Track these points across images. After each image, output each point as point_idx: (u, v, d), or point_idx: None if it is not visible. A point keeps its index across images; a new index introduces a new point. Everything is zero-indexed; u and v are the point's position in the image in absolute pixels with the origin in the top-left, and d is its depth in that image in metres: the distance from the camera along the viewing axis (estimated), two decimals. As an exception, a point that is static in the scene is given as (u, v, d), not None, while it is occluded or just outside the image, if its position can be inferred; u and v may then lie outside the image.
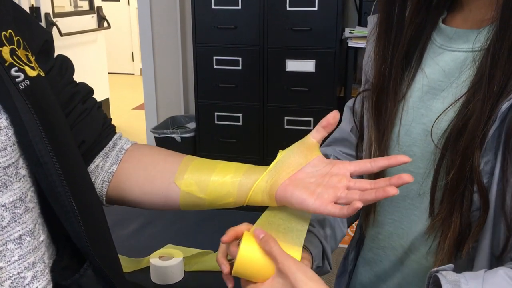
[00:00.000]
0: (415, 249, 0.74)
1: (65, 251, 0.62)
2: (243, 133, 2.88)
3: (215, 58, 2.81)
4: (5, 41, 0.56)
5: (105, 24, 4.49)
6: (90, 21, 4.31)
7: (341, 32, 2.71)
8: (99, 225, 0.67)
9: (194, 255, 1.15)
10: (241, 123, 2.88)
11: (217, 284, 1.10)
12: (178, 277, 1.09)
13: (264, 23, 2.69)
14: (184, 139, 2.97)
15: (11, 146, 0.53)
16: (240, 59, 2.78)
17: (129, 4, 7.05)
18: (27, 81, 0.56)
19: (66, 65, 0.72)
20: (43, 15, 3.53)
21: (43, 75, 0.61)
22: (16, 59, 0.56)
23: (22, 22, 0.63)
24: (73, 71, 0.73)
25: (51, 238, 0.62)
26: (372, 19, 0.81)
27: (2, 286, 0.53)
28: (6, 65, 0.54)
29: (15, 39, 0.58)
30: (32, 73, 0.58)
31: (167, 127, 3.16)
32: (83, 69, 4.08)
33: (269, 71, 2.76)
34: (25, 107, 0.54)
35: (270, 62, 2.75)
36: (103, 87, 4.55)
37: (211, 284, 1.10)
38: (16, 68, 0.55)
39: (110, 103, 4.69)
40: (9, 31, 0.57)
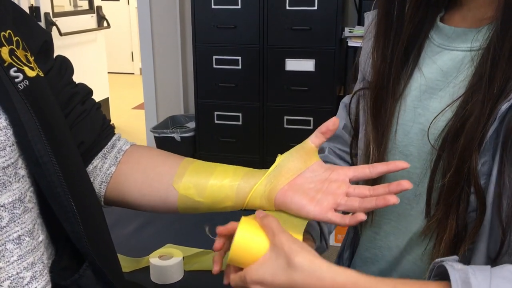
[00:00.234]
0: (411, 250, 0.73)
1: (64, 251, 0.62)
2: (243, 133, 2.88)
3: (214, 57, 2.81)
4: (4, 42, 0.56)
5: (105, 23, 4.49)
6: (89, 20, 4.30)
7: (341, 31, 2.71)
8: (98, 225, 0.67)
9: (193, 254, 1.15)
10: (240, 123, 2.88)
11: (216, 283, 1.10)
12: (177, 276, 1.09)
13: (263, 23, 2.69)
14: (184, 139, 2.97)
15: (10, 146, 0.53)
16: (239, 58, 2.78)
17: (128, 3, 7.05)
18: (26, 82, 0.56)
19: (65, 65, 0.72)
20: (42, 15, 3.52)
21: (42, 75, 0.61)
22: (15, 60, 0.56)
23: (21, 22, 0.63)
24: (72, 71, 0.73)
25: (50, 238, 0.62)
26: (369, 16, 0.80)
27: (1, 286, 0.53)
28: (5, 65, 0.54)
29: (14, 39, 0.58)
30: (31, 73, 0.58)
31: (166, 127, 3.16)
32: (82, 68, 4.08)
33: (269, 70, 2.76)
34: (24, 107, 0.54)
35: (269, 61, 2.75)
36: (102, 87, 4.55)
37: (210, 283, 1.10)
38: (15, 68, 0.55)
39: (109, 103, 4.69)
40: (8, 31, 0.57)
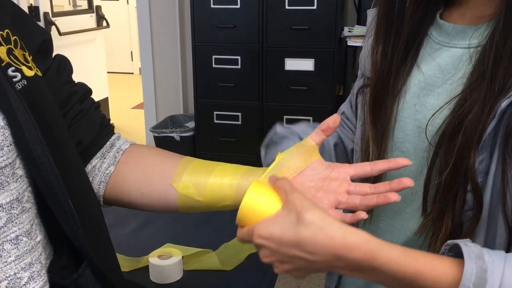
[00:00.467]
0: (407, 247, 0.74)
1: (62, 251, 0.62)
2: (243, 132, 2.88)
3: (214, 57, 2.81)
4: (2, 41, 0.56)
5: (104, 23, 4.49)
6: (89, 20, 4.30)
7: (340, 31, 2.71)
8: (97, 225, 0.66)
9: (193, 254, 1.15)
10: (240, 122, 2.88)
11: (216, 283, 1.10)
12: (177, 276, 1.09)
13: (263, 22, 2.69)
14: (183, 138, 2.97)
15: (7, 146, 0.53)
16: (239, 58, 2.78)
17: (128, 3, 7.04)
18: (24, 81, 0.56)
19: (64, 64, 0.72)
20: (42, 14, 3.52)
21: (41, 74, 0.61)
22: (13, 59, 0.56)
23: (20, 21, 0.63)
24: (71, 70, 0.73)
25: (48, 238, 0.62)
26: (371, 13, 0.80)
27: None
28: (3, 65, 0.54)
29: (12, 38, 0.57)
30: (29, 73, 0.57)
31: (166, 126, 3.16)
32: (82, 68, 4.07)
33: (268, 70, 2.76)
34: (21, 107, 0.53)
35: (269, 61, 2.75)
36: (102, 86, 4.55)
37: (210, 283, 1.10)
38: (13, 68, 0.55)
39: (109, 103, 4.69)
40: (6, 30, 0.57)
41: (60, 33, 3.63)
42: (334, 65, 2.67)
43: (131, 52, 7.24)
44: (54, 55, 0.71)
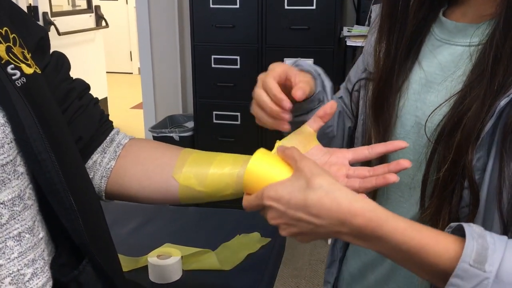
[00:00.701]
0: None
1: (63, 248, 0.62)
2: (242, 132, 2.88)
3: (213, 57, 2.81)
4: (1, 39, 0.56)
5: (103, 23, 4.49)
6: (88, 20, 4.30)
7: (339, 31, 2.71)
8: (97, 221, 0.67)
9: (192, 254, 1.15)
10: (239, 122, 2.88)
11: (215, 283, 1.10)
12: (176, 276, 1.09)
13: (262, 22, 2.69)
14: (182, 138, 2.97)
15: (8, 143, 0.53)
16: (238, 58, 2.78)
17: (127, 3, 7.04)
18: (23, 79, 0.56)
19: (62, 61, 0.72)
20: (41, 14, 3.52)
21: (40, 72, 0.61)
22: (12, 57, 0.56)
23: (18, 19, 0.63)
24: (69, 67, 0.73)
25: (50, 235, 0.62)
26: (376, 8, 0.81)
27: (2, 283, 0.53)
28: (2, 62, 0.54)
29: (11, 36, 0.57)
30: (28, 70, 0.57)
31: (165, 126, 3.16)
32: (81, 68, 4.07)
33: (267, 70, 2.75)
34: (22, 104, 0.53)
35: (268, 61, 2.75)
36: (101, 86, 4.55)
37: (209, 283, 1.10)
38: (12, 65, 0.55)
39: (108, 102, 4.69)
40: (5, 28, 0.57)
41: (59, 33, 3.63)
42: (333, 65, 2.67)
43: (130, 52, 7.24)
44: (51, 52, 0.71)
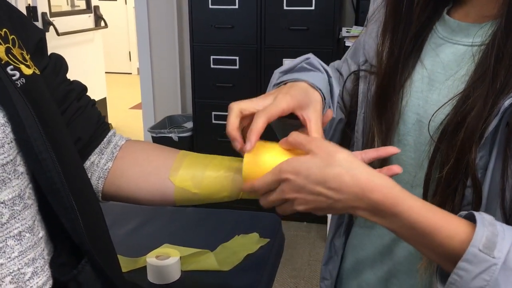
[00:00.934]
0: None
1: (62, 248, 0.62)
2: (241, 133, 2.88)
3: (212, 57, 2.81)
4: (0, 40, 0.56)
5: (102, 23, 4.48)
6: (87, 20, 4.30)
7: (338, 31, 2.71)
8: (97, 221, 0.67)
9: (191, 254, 1.15)
10: (238, 123, 2.88)
11: (213, 283, 1.11)
12: (175, 276, 1.09)
13: (261, 23, 2.69)
14: (181, 139, 2.97)
15: (8, 143, 0.53)
16: (237, 58, 2.78)
17: (126, 3, 7.04)
18: (22, 79, 0.56)
19: (60, 63, 0.72)
20: (40, 15, 3.51)
21: (39, 73, 0.61)
22: (11, 58, 0.56)
23: (16, 21, 0.63)
24: (67, 69, 0.73)
25: (49, 235, 0.62)
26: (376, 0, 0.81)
27: (2, 282, 0.54)
28: (2, 63, 0.54)
29: (10, 37, 0.58)
30: (27, 71, 0.58)
31: (164, 127, 3.16)
32: (80, 68, 4.07)
33: (267, 70, 2.76)
34: (22, 104, 0.54)
35: (267, 61, 2.75)
36: (100, 87, 4.55)
37: (208, 283, 1.10)
38: (11, 66, 0.55)
39: (107, 103, 4.68)
40: (4, 30, 0.57)
41: (58, 33, 3.63)
42: (332, 65, 2.67)
43: (129, 52, 7.24)
44: (49, 54, 0.72)
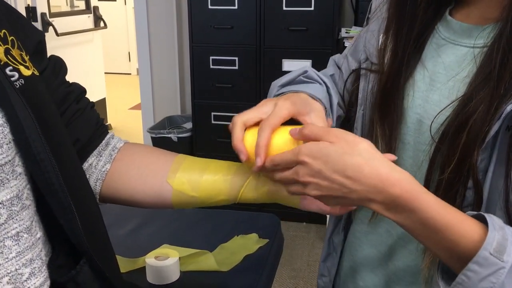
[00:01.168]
0: (404, 239, 0.75)
1: (60, 249, 0.62)
2: (240, 133, 2.88)
3: (211, 58, 2.81)
4: None
5: (102, 24, 4.48)
6: (86, 21, 4.30)
7: (338, 32, 2.71)
8: (95, 222, 0.67)
9: (190, 255, 1.15)
10: (237, 123, 2.88)
11: (213, 284, 1.11)
12: (174, 277, 1.09)
13: (260, 23, 2.70)
14: (180, 139, 2.97)
15: (7, 144, 0.53)
16: (236, 59, 2.78)
17: (125, 3, 7.04)
18: (21, 80, 0.56)
19: (59, 65, 0.73)
20: (39, 15, 3.51)
21: (38, 74, 0.61)
22: (10, 59, 0.56)
23: (15, 22, 0.63)
24: (66, 71, 0.74)
25: (47, 236, 0.62)
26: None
27: (0, 282, 0.54)
28: (1, 64, 0.54)
29: (9, 38, 0.58)
30: (26, 72, 0.58)
31: (163, 127, 3.16)
32: (79, 69, 4.07)
33: (266, 71, 2.76)
34: (21, 104, 0.54)
35: (266, 62, 2.75)
36: (99, 87, 4.54)
37: (207, 284, 1.10)
38: (10, 67, 0.56)
39: (106, 103, 4.68)
40: (3, 31, 0.57)
41: (57, 34, 3.63)
42: (331, 66, 2.67)
43: (129, 52, 7.24)
44: (49, 55, 0.72)
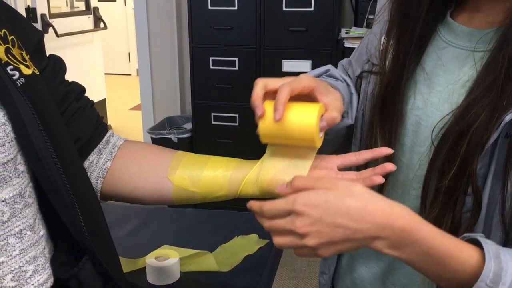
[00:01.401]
0: None
1: (63, 247, 0.63)
2: (240, 134, 2.88)
3: (211, 58, 2.81)
4: (0, 40, 0.56)
5: (102, 24, 4.49)
6: (86, 21, 4.30)
7: (337, 32, 2.71)
8: (97, 219, 0.67)
9: (190, 255, 1.15)
10: (237, 124, 2.88)
11: (213, 284, 1.11)
12: (174, 277, 1.09)
13: (260, 24, 2.70)
14: (180, 140, 2.97)
15: (9, 142, 0.54)
16: (236, 59, 2.78)
17: (125, 4, 7.04)
18: (22, 79, 0.56)
19: (59, 64, 0.73)
20: (39, 16, 3.51)
21: (38, 73, 0.61)
22: (11, 58, 0.57)
23: (15, 22, 0.64)
24: (65, 70, 0.74)
25: (49, 234, 0.62)
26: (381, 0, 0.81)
27: (4, 280, 0.54)
28: (2, 63, 0.55)
29: (10, 38, 0.58)
30: (27, 71, 0.58)
31: (163, 128, 3.16)
32: (79, 70, 4.07)
33: (266, 71, 2.76)
34: (23, 102, 0.54)
35: (266, 62, 2.75)
36: (99, 88, 4.55)
37: (207, 284, 1.10)
38: (11, 66, 0.56)
39: (106, 104, 4.68)
40: (4, 30, 0.58)
41: (57, 35, 3.63)
42: (331, 66, 2.67)
43: (129, 53, 7.24)
44: (48, 55, 0.72)
